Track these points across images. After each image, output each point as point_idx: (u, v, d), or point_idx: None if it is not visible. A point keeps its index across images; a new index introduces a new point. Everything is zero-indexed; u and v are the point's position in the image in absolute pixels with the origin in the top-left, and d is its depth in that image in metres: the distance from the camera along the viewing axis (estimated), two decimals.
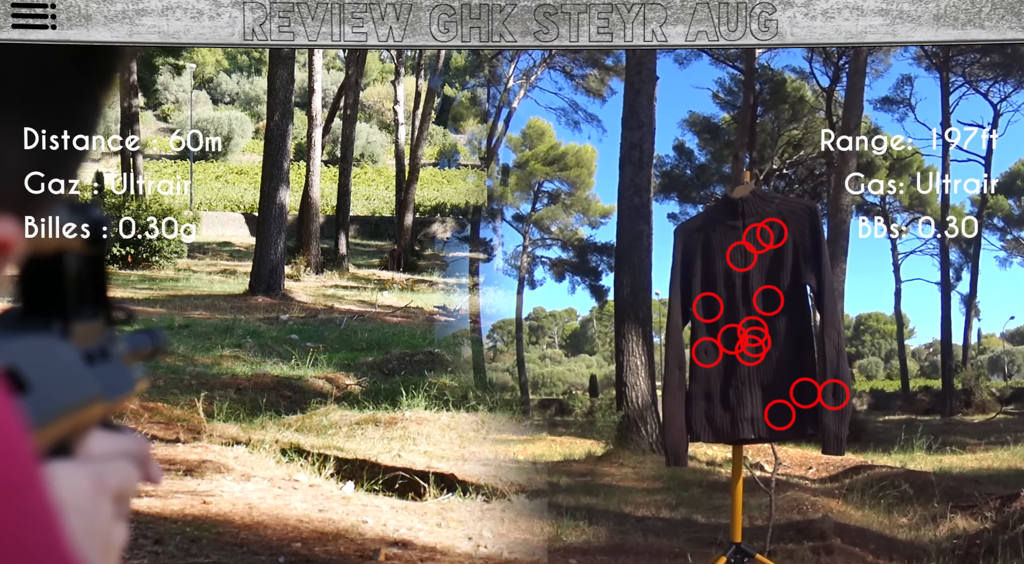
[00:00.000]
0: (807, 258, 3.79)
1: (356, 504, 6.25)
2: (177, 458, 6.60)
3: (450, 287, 13.01)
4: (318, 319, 11.22)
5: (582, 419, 11.78)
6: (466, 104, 15.01)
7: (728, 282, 3.86)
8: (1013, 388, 12.22)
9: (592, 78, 12.93)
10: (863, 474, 7.79)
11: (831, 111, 12.18)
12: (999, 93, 11.97)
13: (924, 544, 6.03)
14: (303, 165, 13.10)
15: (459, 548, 5.69)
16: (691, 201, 12.97)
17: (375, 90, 18.78)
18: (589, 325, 14.10)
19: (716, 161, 13.12)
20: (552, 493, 7.06)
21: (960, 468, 8.20)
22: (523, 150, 13.49)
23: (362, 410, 8.25)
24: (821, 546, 5.75)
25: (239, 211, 14.94)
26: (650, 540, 6.11)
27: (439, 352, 10.52)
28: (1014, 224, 12.70)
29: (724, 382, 3.84)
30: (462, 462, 7.19)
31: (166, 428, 7.44)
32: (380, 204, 15.85)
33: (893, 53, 11.81)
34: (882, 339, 13.71)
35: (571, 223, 13.33)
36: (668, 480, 7.67)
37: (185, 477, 6.31)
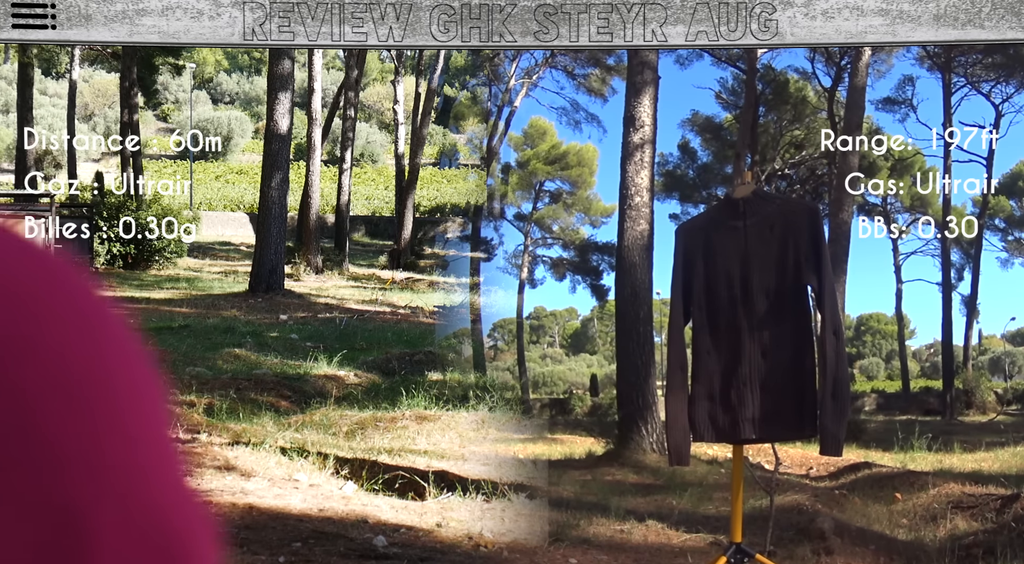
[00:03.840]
0: (808, 259, 3.78)
1: (356, 504, 6.25)
2: None
3: (450, 287, 13.01)
4: (318, 319, 11.22)
5: (583, 418, 11.78)
6: (467, 103, 15.01)
7: (729, 282, 3.85)
8: (1014, 389, 12.22)
9: (594, 78, 12.93)
10: (863, 474, 7.78)
11: (833, 111, 12.17)
12: (1001, 94, 11.97)
13: (924, 544, 6.03)
14: (303, 165, 13.10)
15: (459, 548, 5.69)
16: (692, 201, 12.97)
17: (375, 90, 18.78)
18: (590, 324, 14.10)
19: (718, 161, 13.12)
20: (552, 493, 7.06)
21: (960, 468, 8.20)
22: (524, 149, 13.49)
23: (362, 410, 8.25)
24: (821, 546, 5.75)
25: (239, 211, 14.94)
26: (650, 540, 6.11)
27: (439, 352, 10.52)
28: (1015, 225, 12.69)
29: (725, 382, 3.84)
30: (462, 461, 7.19)
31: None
32: (380, 204, 15.85)
33: (895, 54, 11.81)
34: (883, 340, 13.70)
35: (572, 222, 13.32)
36: (668, 480, 7.66)
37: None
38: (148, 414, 0.41)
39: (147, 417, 0.41)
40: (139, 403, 0.40)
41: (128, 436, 0.40)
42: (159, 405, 0.41)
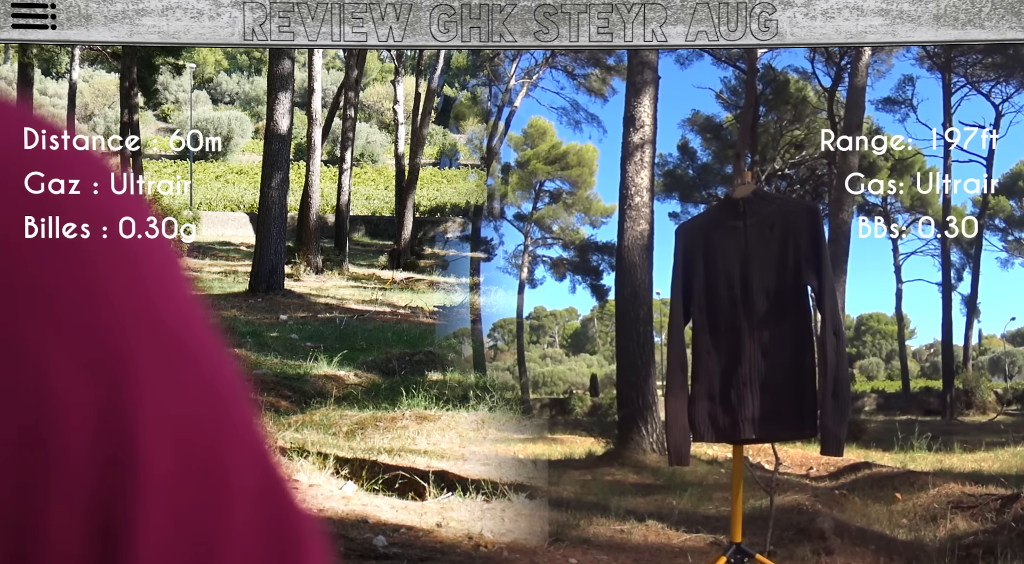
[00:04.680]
0: (808, 259, 3.78)
1: (356, 504, 6.25)
2: None
3: (450, 287, 13.01)
4: (318, 319, 11.22)
5: (583, 418, 11.78)
6: (467, 103, 15.01)
7: (729, 282, 3.85)
8: (1014, 389, 12.22)
9: (594, 78, 12.94)
10: (863, 474, 7.79)
11: (833, 111, 12.18)
12: (1001, 94, 11.97)
13: (924, 544, 6.03)
14: (303, 165, 13.10)
15: (459, 548, 5.69)
16: (692, 201, 12.97)
17: (375, 90, 18.79)
18: (590, 324, 14.10)
19: (718, 161, 13.13)
20: (552, 493, 7.06)
21: (960, 468, 8.20)
22: (524, 149, 13.50)
23: (362, 410, 8.26)
24: (821, 546, 5.75)
25: (239, 211, 14.95)
26: (650, 540, 6.11)
27: (439, 352, 10.52)
28: (1015, 225, 12.70)
29: (725, 382, 3.84)
30: (462, 461, 7.19)
31: None
32: (380, 204, 15.85)
33: (895, 54, 11.81)
34: (883, 340, 13.71)
35: (572, 222, 13.33)
36: (668, 480, 7.67)
37: None
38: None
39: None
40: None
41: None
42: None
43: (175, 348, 0.40)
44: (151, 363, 0.38)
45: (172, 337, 0.40)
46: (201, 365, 0.41)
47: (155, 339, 0.39)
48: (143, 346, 0.38)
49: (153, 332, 0.39)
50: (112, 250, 0.39)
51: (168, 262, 0.42)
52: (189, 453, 0.39)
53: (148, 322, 0.39)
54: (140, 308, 0.39)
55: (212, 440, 0.40)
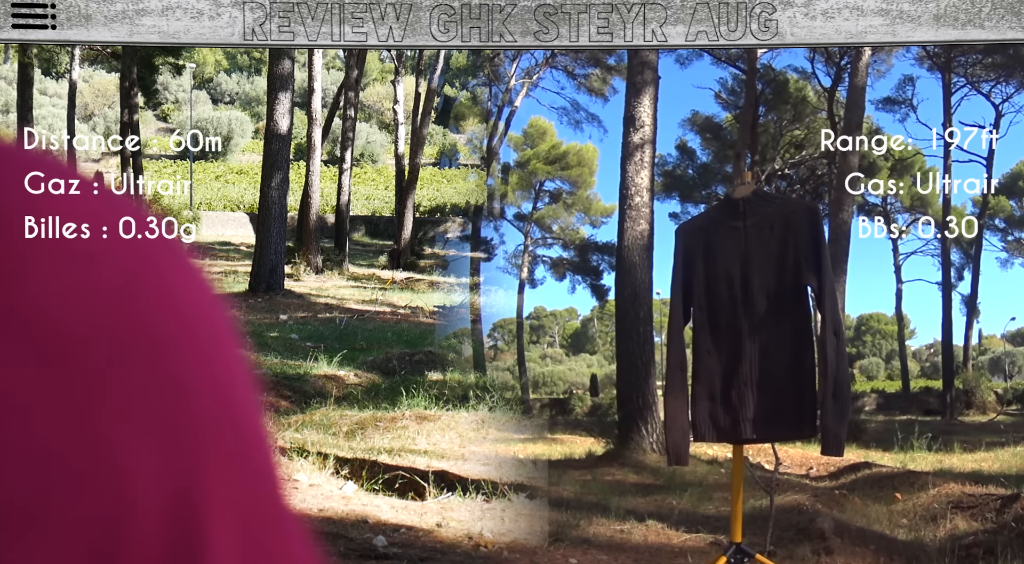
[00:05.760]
0: (808, 259, 3.78)
1: (356, 504, 6.25)
2: None
3: (450, 287, 13.01)
4: (318, 319, 11.22)
5: (583, 418, 11.78)
6: (467, 103, 15.01)
7: (729, 282, 3.86)
8: (1014, 389, 12.22)
9: (594, 78, 12.94)
10: (863, 474, 7.79)
11: (833, 111, 12.18)
12: (1001, 94, 11.97)
13: (924, 544, 6.03)
14: (303, 165, 13.10)
15: (459, 548, 5.69)
16: (692, 201, 12.98)
17: (375, 90, 18.78)
18: (590, 324, 14.10)
19: (718, 161, 13.13)
20: (552, 493, 7.06)
21: (960, 468, 8.20)
22: (524, 149, 13.50)
23: (362, 410, 8.26)
24: (821, 546, 5.75)
25: (239, 211, 14.95)
26: (650, 540, 6.11)
27: (439, 352, 10.53)
28: (1015, 225, 12.70)
29: (725, 382, 3.84)
30: (462, 461, 7.19)
31: None
32: (380, 204, 15.86)
33: (895, 54, 11.82)
34: (883, 340, 13.71)
35: (572, 222, 13.33)
36: (668, 480, 7.67)
37: None
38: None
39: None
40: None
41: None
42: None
43: (239, 429, 0.40)
44: (220, 448, 0.39)
45: (238, 418, 0.40)
46: (258, 443, 0.41)
47: (224, 423, 0.39)
48: (214, 432, 0.39)
49: (223, 416, 0.39)
50: (185, 329, 0.39)
51: (228, 332, 0.42)
52: (251, 535, 0.39)
53: (220, 405, 0.39)
54: (214, 391, 0.39)
55: (269, 518, 0.40)
